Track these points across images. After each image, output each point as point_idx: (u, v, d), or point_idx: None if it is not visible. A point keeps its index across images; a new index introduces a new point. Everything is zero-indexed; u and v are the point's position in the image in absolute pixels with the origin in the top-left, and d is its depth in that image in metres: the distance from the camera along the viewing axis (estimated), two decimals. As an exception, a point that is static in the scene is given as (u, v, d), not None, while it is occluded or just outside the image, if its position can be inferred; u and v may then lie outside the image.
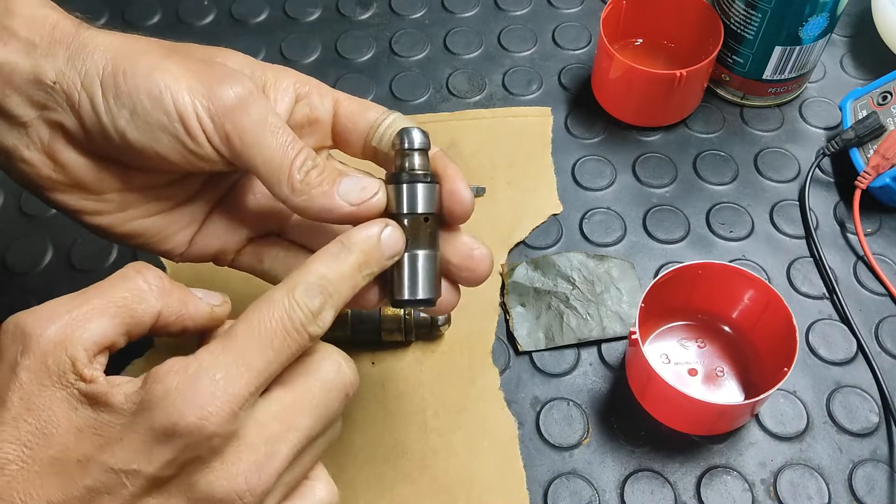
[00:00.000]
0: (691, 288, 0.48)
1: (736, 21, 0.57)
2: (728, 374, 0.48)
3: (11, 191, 0.57)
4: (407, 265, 0.34)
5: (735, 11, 0.56)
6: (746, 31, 0.56)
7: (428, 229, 0.34)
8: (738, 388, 0.48)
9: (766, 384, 0.43)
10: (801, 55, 0.57)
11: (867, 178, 0.54)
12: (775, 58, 0.57)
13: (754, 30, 0.56)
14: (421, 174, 0.34)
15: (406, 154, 0.34)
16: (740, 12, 0.56)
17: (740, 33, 0.57)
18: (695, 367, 0.49)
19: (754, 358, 0.48)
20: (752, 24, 0.56)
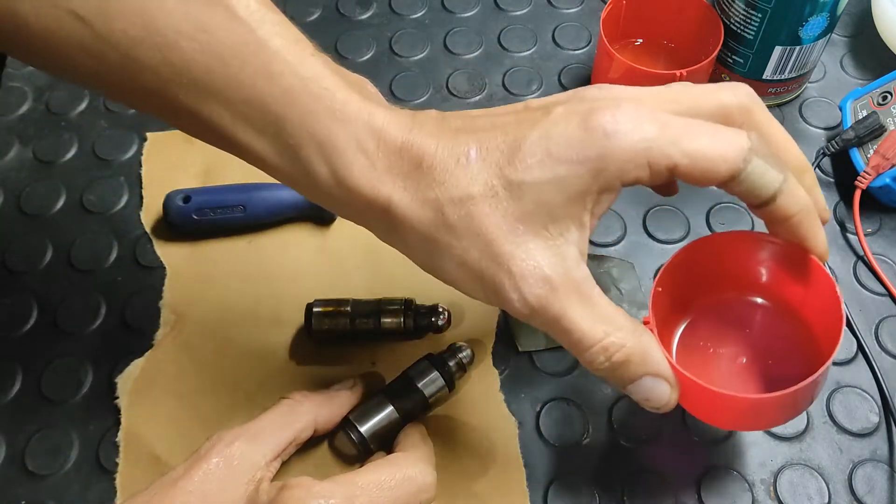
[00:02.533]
0: (720, 263, 0.41)
1: (736, 21, 0.57)
2: (778, 355, 0.41)
3: (12, 190, 0.58)
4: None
5: (735, 11, 0.56)
6: (746, 31, 0.56)
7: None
8: (794, 369, 0.38)
9: (817, 363, 0.36)
10: (801, 55, 0.57)
11: (867, 178, 0.54)
12: (775, 58, 0.57)
13: (754, 30, 0.56)
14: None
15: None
16: (740, 12, 0.56)
17: (740, 33, 0.57)
18: (742, 353, 0.42)
19: (803, 336, 0.41)
20: (752, 24, 0.56)
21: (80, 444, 0.47)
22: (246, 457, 0.39)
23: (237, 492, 0.38)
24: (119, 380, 0.49)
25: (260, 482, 0.39)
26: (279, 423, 0.42)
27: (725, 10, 0.57)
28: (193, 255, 0.54)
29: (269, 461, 0.40)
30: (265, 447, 0.40)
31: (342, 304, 0.49)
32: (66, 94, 0.63)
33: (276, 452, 0.41)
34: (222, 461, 0.39)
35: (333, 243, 0.55)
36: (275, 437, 0.41)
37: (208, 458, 0.39)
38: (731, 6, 0.56)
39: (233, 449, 0.39)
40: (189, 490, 0.37)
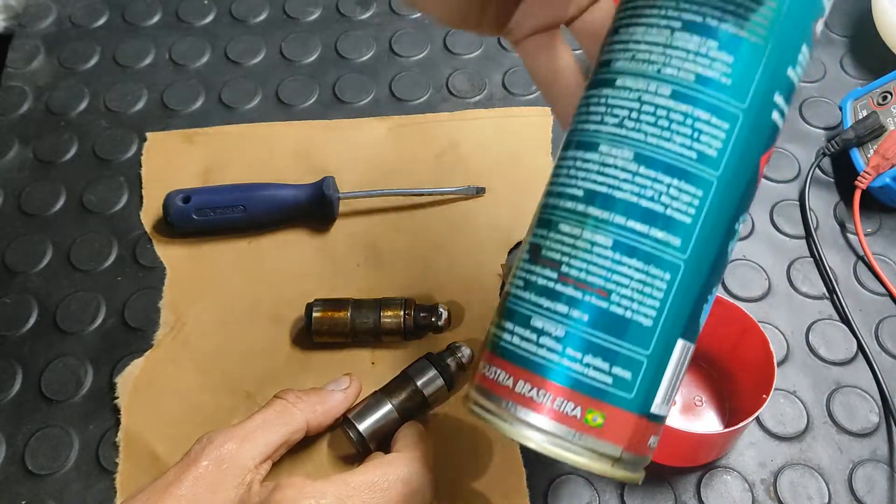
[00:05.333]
0: None
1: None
2: (707, 403, 0.48)
3: (12, 190, 0.58)
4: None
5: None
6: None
7: None
8: (717, 418, 0.47)
9: (745, 412, 0.42)
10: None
11: (867, 178, 0.54)
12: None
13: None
14: None
15: None
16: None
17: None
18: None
19: (733, 386, 0.47)
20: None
21: (80, 444, 0.47)
22: (236, 459, 0.39)
23: (227, 495, 0.38)
24: (119, 379, 0.49)
25: (250, 484, 0.39)
26: (271, 424, 0.42)
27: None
28: (193, 255, 0.54)
29: (258, 463, 0.40)
30: (255, 449, 0.40)
31: (342, 304, 0.49)
32: (66, 93, 0.63)
33: (267, 454, 0.40)
34: (212, 464, 0.39)
35: (333, 243, 0.55)
36: (265, 439, 0.41)
37: (198, 462, 0.39)
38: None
39: (222, 451, 0.39)
40: (180, 495, 0.37)
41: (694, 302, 0.28)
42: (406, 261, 0.54)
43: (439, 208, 0.56)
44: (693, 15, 0.27)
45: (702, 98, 0.27)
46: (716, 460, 0.46)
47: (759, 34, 0.27)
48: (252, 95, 0.63)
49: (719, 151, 0.27)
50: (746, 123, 0.27)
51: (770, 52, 0.27)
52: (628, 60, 0.28)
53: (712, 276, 0.28)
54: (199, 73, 0.64)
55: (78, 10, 0.69)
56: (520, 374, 0.28)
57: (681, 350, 0.28)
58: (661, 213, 0.27)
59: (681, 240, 0.27)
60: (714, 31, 0.27)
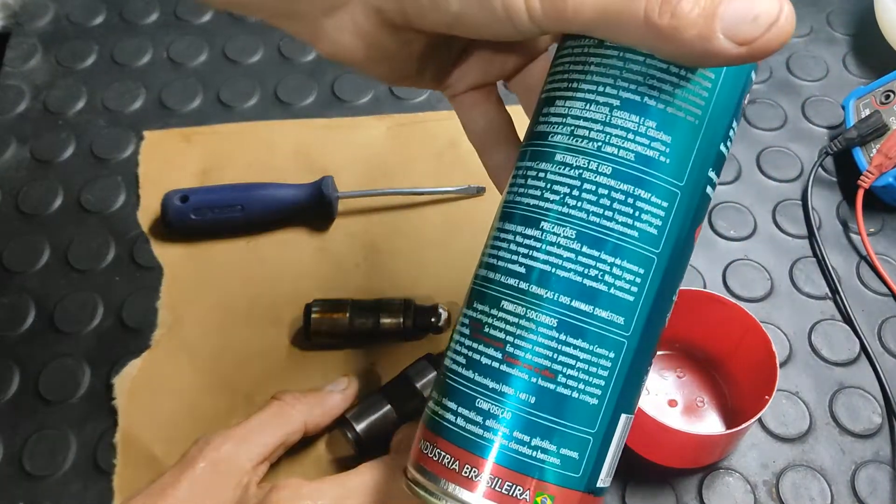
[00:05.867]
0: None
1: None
2: (708, 404, 0.47)
3: (10, 189, 0.57)
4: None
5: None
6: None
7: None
8: (719, 419, 0.47)
9: (747, 413, 0.42)
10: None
11: (870, 177, 0.53)
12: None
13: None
14: None
15: None
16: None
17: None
18: (674, 397, 0.47)
19: (735, 386, 0.47)
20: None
21: (77, 445, 0.47)
22: (233, 461, 0.39)
23: (224, 497, 0.38)
24: (116, 380, 0.49)
25: (248, 486, 0.39)
26: (268, 425, 0.41)
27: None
28: (191, 256, 0.54)
29: (255, 465, 0.40)
30: (252, 451, 0.40)
31: (341, 305, 0.49)
32: (64, 92, 0.63)
33: (264, 455, 0.40)
34: (209, 466, 0.38)
35: (332, 243, 0.54)
36: (262, 440, 0.41)
37: (195, 464, 0.38)
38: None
39: (220, 453, 0.39)
40: (177, 497, 0.37)
41: (637, 376, 0.28)
42: (406, 261, 0.54)
43: (439, 208, 0.56)
44: (631, 94, 0.26)
45: (642, 177, 0.27)
46: (718, 461, 0.46)
47: (695, 113, 0.27)
48: (250, 94, 0.62)
49: (659, 229, 0.27)
50: (684, 200, 0.27)
51: (705, 131, 0.27)
52: (567, 136, 0.27)
53: (652, 348, 0.29)
54: (198, 71, 0.64)
55: (75, 8, 0.68)
56: (466, 458, 0.27)
57: (624, 424, 0.28)
58: (606, 292, 0.27)
59: (624, 318, 0.27)
60: (652, 111, 0.26)
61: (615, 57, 0.27)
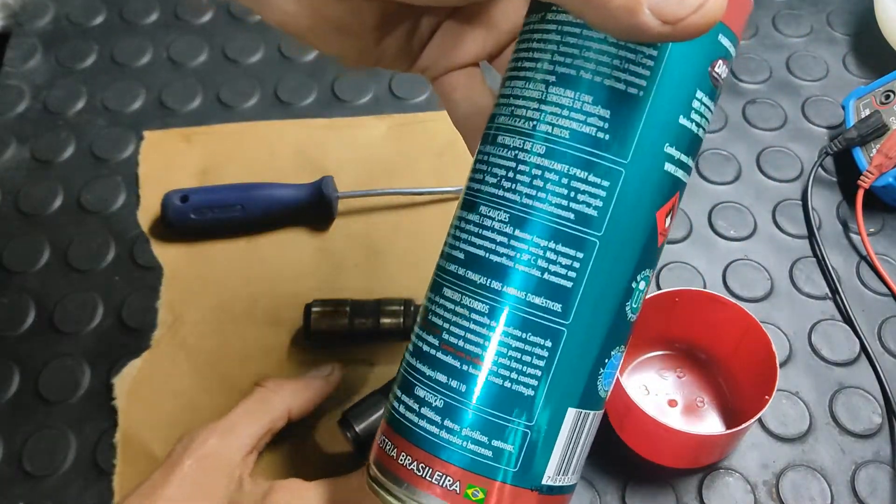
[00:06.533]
0: (668, 316, 0.46)
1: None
2: (709, 404, 0.47)
3: (10, 189, 0.57)
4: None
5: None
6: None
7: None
8: (719, 419, 0.47)
9: (747, 413, 0.42)
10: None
11: (870, 177, 0.53)
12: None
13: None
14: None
15: None
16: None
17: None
18: (674, 397, 0.47)
19: (735, 386, 0.47)
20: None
21: (77, 445, 0.47)
22: (221, 455, 0.38)
23: (218, 493, 0.37)
24: (116, 380, 0.49)
25: (240, 479, 0.38)
26: (252, 414, 0.41)
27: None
28: (191, 256, 0.54)
29: (244, 455, 0.39)
30: (238, 441, 0.39)
31: (341, 305, 0.49)
32: (64, 92, 0.63)
33: (251, 445, 0.40)
34: (196, 463, 0.37)
35: (332, 243, 0.54)
36: (248, 430, 0.40)
37: (181, 462, 0.37)
38: None
39: (206, 448, 0.38)
40: (168, 496, 0.36)
41: (587, 368, 0.26)
42: (406, 261, 0.54)
43: (439, 208, 0.56)
44: (566, 68, 0.25)
45: (578, 155, 0.25)
46: (717, 462, 0.46)
47: (638, 85, 0.25)
48: (250, 94, 0.62)
49: (600, 211, 0.25)
50: (632, 179, 0.25)
51: (653, 104, 0.25)
52: (508, 116, 0.26)
53: (608, 338, 0.27)
54: (197, 71, 0.64)
55: (75, 8, 0.68)
56: (403, 446, 0.27)
57: (574, 419, 0.27)
58: (539, 277, 0.25)
59: (561, 305, 0.25)
60: (587, 85, 0.25)
61: (553, 31, 0.26)
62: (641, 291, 0.27)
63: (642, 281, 0.27)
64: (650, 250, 0.27)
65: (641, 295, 0.27)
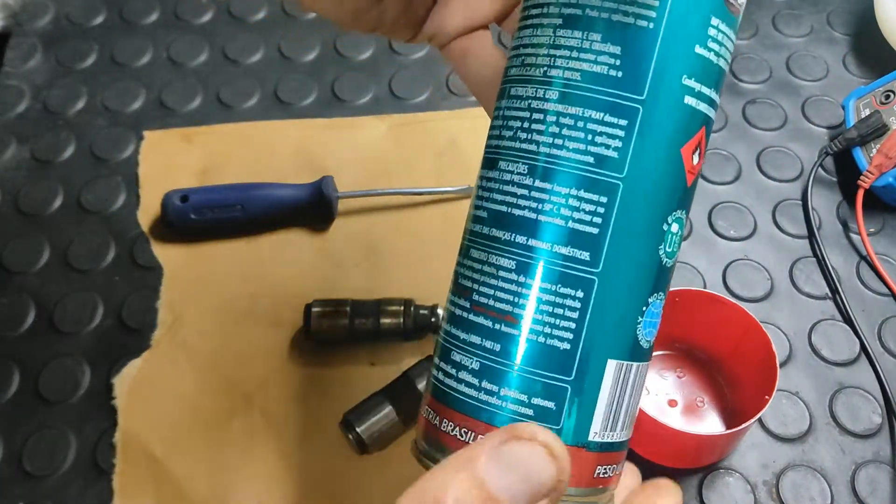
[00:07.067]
0: (668, 316, 0.46)
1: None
2: (708, 404, 0.47)
3: (10, 189, 0.57)
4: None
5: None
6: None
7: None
8: (719, 419, 0.47)
9: (747, 413, 0.42)
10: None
11: (870, 177, 0.53)
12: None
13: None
14: None
15: None
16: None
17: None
18: (674, 397, 0.47)
19: (735, 386, 0.47)
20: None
21: (77, 445, 0.47)
22: None
23: None
24: (116, 380, 0.49)
25: None
26: None
27: None
28: (191, 256, 0.54)
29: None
30: None
31: (341, 305, 0.49)
32: (64, 92, 0.63)
33: None
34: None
35: (332, 243, 0.54)
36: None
37: None
38: None
39: None
40: None
41: (623, 317, 0.25)
42: (406, 261, 0.54)
43: (439, 208, 0.56)
44: (572, 9, 0.25)
45: (592, 96, 0.24)
46: (718, 462, 0.46)
47: (647, 16, 0.24)
48: (250, 94, 0.62)
49: (620, 151, 0.24)
50: (651, 115, 0.24)
51: (665, 35, 0.24)
52: (519, 67, 0.26)
53: (643, 285, 0.26)
54: (198, 71, 0.64)
55: (75, 8, 0.68)
56: (444, 413, 0.26)
57: (616, 371, 0.26)
58: (563, 226, 0.24)
59: (589, 253, 0.25)
60: (595, 23, 0.24)
61: None
62: (675, 234, 0.26)
63: (675, 223, 0.26)
64: (679, 190, 0.26)
65: (676, 238, 0.26)
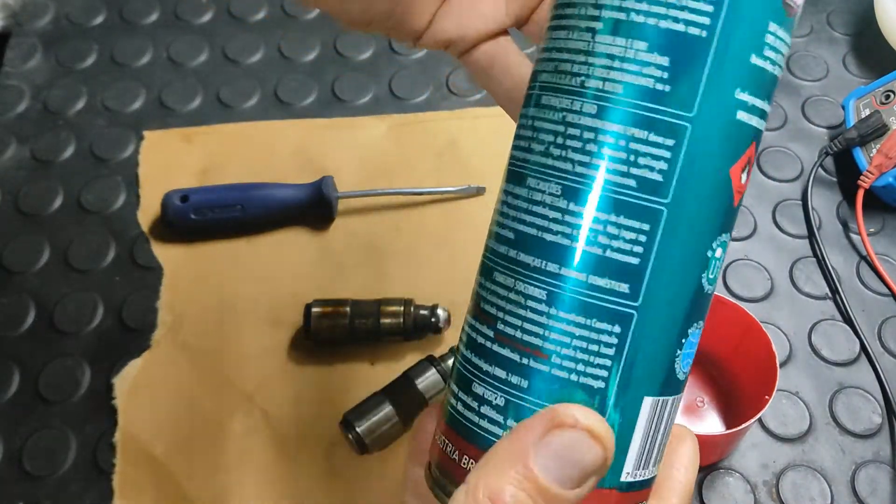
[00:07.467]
0: None
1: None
2: (708, 404, 0.47)
3: (10, 189, 0.57)
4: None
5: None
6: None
7: None
8: (719, 419, 0.47)
9: (747, 413, 0.42)
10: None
11: (870, 177, 0.53)
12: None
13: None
14: None
15: None
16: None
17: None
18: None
19: (735, 386, 0.47)
20: None
21: (77, 445, 0.47)
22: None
23: None
24: (116, 380, 0.49)
25: None
26: None
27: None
28: (191, 256, 0.54)
29: None
30: None
31: (341, 305, 0.49)
32: (64, 92, 0.63)
33: None
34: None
35: (332, 243, 0.54)
36: None
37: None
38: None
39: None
40: None
41: (662, 352, 0.23)
42: (406, 261, 0.54)
43: (439, 208, 0.56)
44: (615, 11, 0.22)
45: (635, 112, 0.22)
46: (718, 461, 0.46)
47: (700, 24, 0.21)
48: (250, 94, 0.62)
49: (665, 174, 0.22)
50: (699, 134, 0.22)
51: (719, 44, 0.22)
52: (552, 73, 0.23)
53: (685, 317, 0.24)
54: (197, 71, 0.64)
55: (75, 8, 0.68)
56: (463, 448, 0.24)
57: (652, 408, 0.23)
58: (600, 255, 0.22)
59: (629, 286, 0.22)
60: (640, 30, 0.22)
61: None
62: (719, 259, 0.24)
63: (719, 248, 0.24)
64: (726, 212, 0.24)
65: (719, 263, 0.24)
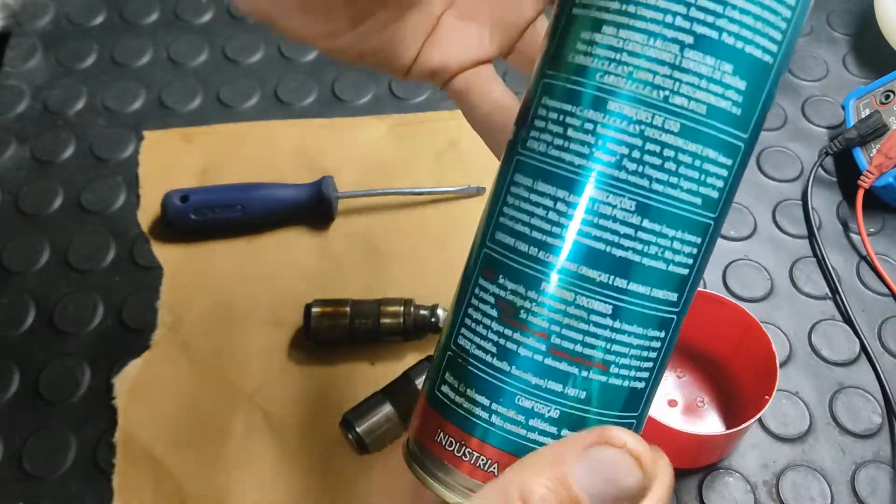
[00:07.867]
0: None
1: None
2: (708, 404, 0.47)
3: (10, 189, 0.57)
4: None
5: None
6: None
7: None
8: (719, 419, 0.47)
9: (747, 413, 0.42)
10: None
11: (870, 177, 0.53)
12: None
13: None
14: None
15: None
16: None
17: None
18: (674, 397, 0.47)
19: (735, 386, 0.47)
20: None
21: (77, 445, 0.47)
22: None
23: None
24: (116, 380, 0.49)
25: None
26: None
27: None
28: (191, 256, 0.54)
29: None
30: None
31: (341, 305, 0.49)
32: (64, 92, 0.63)
33: None
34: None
35: (332, 243, 0.54)
36: None
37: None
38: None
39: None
40: None
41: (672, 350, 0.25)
42: (406, 261, 0.54)
43: (439, 208, 0.56)
44: (708, 28, 0.21)
45: (711, 133, 0.22)
46: (718, 462, 0.46)
47: (770, 51, 0.22)
48: (250, 94, 0.62)
49: (720, 192, 0.23)
50: (746, 155, 0.23)
51: (777, 70, 0.23)
52: (624, 78, 0.22)
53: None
54: (198, 71, 0.64)
55: (75, 8, 0.68)
56: (507, 460, 0.23)
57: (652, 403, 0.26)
58: (664, 270, 0.23)
59: (678, 295, 0.23)
60: (730, 51, 0.21)
61: None
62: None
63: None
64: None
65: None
